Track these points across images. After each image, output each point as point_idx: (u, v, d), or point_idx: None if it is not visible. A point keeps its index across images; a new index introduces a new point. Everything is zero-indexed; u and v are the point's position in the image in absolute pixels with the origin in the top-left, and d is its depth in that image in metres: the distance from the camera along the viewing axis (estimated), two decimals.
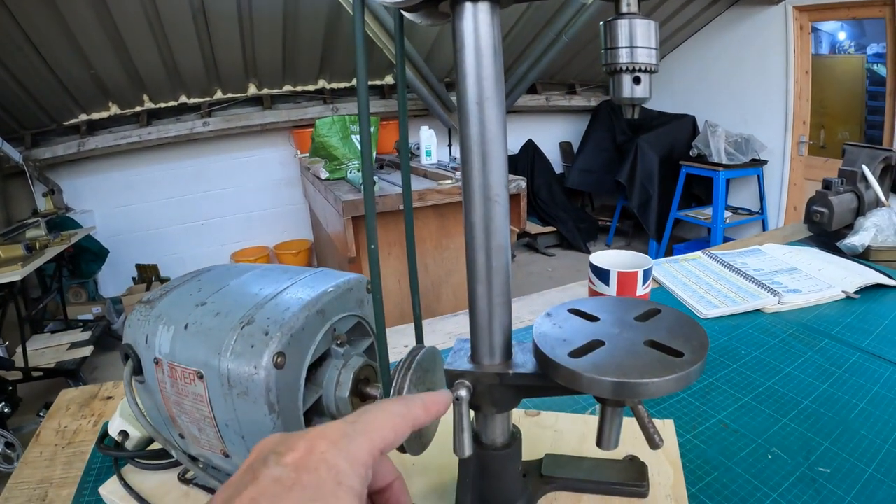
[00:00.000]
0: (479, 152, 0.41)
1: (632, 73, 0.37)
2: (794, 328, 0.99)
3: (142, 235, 4.28)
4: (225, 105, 4.20)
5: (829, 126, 4.30)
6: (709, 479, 0.62)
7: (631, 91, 0.38)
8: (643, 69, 0.37)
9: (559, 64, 4.75)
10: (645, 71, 0.37)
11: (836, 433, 0.70)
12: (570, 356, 0.39)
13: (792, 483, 0.61)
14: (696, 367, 0.36)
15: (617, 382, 0.36)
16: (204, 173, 4.36)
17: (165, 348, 0.52)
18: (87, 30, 3.05)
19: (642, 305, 0.46)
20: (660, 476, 0.59)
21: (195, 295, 0.56)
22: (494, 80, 0.40)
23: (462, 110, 0.41)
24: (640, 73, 0.37)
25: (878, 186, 1.43)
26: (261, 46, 3.70)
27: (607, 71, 0.37)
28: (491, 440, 0.50)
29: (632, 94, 0.38)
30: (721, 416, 0.74)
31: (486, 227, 0.43)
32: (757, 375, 0.84)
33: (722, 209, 4.34)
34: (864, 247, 1.30)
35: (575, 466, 0.57)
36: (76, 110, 3.81)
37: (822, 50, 4.38)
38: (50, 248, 3.03)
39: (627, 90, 0.38)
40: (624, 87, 0.38)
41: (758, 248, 1.38)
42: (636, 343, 0.40)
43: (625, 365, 0.37)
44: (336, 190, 2.54)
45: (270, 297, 0.53)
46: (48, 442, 0.76)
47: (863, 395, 0.78)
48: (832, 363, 0.87)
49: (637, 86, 0.37)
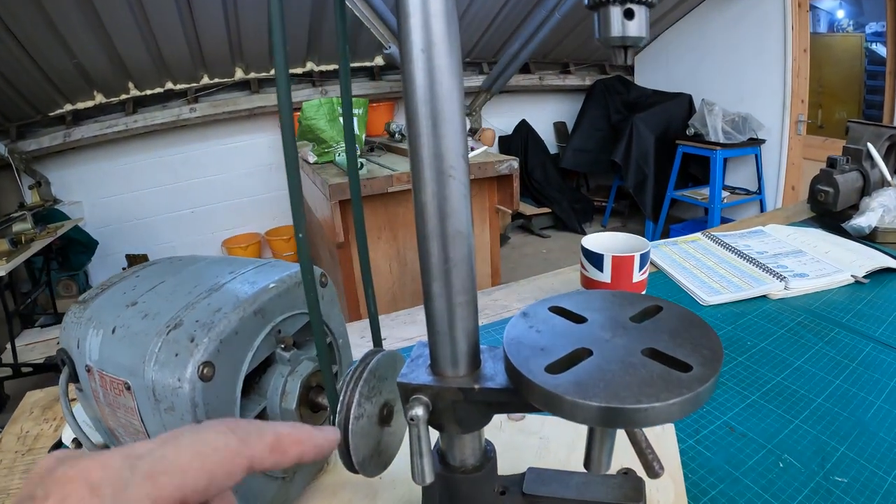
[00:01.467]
0: (427, 114, 0.32)
1: (622, 5, 0.28)
2: (802, 316, 0.92)
3: (131, 225, 4.20)
4: (212, 90, 4.11)
5: (827, 105, 4.25)
6: (714, 492, 0.55)
7: (622, 28, 0.29)
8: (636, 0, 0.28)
9: (552, 42, 4.67)
10: (639, 2, 0.28)
11: (852, 436, 0.63)
12: (548, 371, 0.31)
13: (806, 496, 0.55)
14: (707, 386, 0.28)
15: (606, 408, 0.28)
16: (192, 160, 4.27)
17: (95, 355, 0.46)
18: (68, 18, 2.97)
19: (639, 301, 0.38)
20: (658, 492, 0.52)
21: (128, 293, 0.49)
22: (445, 20, 0.31)
23: (405, 61, 0.32)
24: (633, 5, 0.28)
25: (883, 165, 1.37)
26: (246, 29, 3.61)
27: (590, 5, 0.28)
28: (460, 461, 0.42)
29: (623, 32, 0.29)
30: (727, 418, 0.67)
31: (440, 208, 0.34)
32: (765, 370, 0.77)
33: (719, 189, 4.26)
34: (871, 228, 1.23)
35: (562, 483, 0.50)
36: (61, 101, 3.73)
37: (820, 28, 4.32)
38: (36, 241, 2.97)
39: (616, 27, 0.29)
40: (612, 24, 0.29)
41: (760, 229, 1.32)
42: (632, 352, 0.32)
43: (616, 383, 0.29)
44: (323, 174, 2.48)
45: (204, 295, 0.45)
46: (9, 449, 0.71)
47: (879, 392, 0.72)
48: (844, 355, 0.80)
49: (629, 21, 0.28)
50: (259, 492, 0.46)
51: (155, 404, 0.41)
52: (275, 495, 0.48)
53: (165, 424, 0.41)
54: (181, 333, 0.41)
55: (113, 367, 0.44)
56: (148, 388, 0.41)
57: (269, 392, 0.47)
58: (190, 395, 0.39)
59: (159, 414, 0.41)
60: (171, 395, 0.40)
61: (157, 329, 0.42)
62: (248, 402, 0.45)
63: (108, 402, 0.46)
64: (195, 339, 0.40)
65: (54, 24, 2.98)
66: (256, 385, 0.47)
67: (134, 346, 0.42)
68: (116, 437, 0.49)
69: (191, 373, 0.39)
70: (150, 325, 0.43)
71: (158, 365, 0.40)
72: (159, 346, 0.41)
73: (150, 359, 0.41)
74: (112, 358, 0.44)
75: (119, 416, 0.46)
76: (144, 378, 0.41)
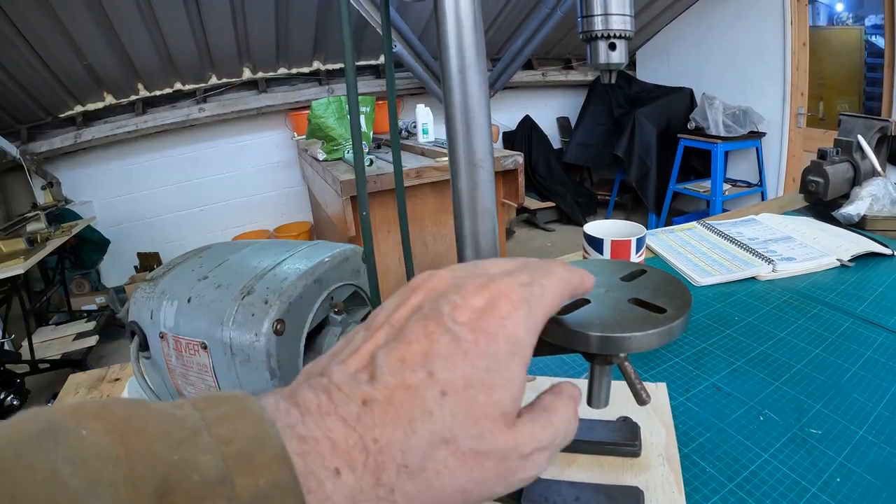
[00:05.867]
0: (462, 119, 0.42)
1: (607, 40, 0.38)
2: (788, 295, 1.00)
3: (142, 224, 4.29)
4: (220, 90, 4.19)
5: (827, 98, 4.28)
6: (701, 439, 0.63)
7: (607, 57, 0.39)
8: (618, 35, 0.38)
9: (555, 39, 4.73)
10: (620, 37, 0.38)
11: (827, 396, 0.71)
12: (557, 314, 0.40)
13: (784, 444, 0.62)
14: (678, 322, 0.37)
15: (601, 337, 0.37)
16: (202, 159, 4.36)
17: (170, 322, 0.54)
18: (77, 20, 3.04)
19: (629, 267, 0.47)
20: (652, 436, 0.60)
21: (196, 270, 0.57)
22: (475, 49, 0.41)
23: (445, 80, 0.42)
24: (616, 40, 0.38)
25: (873, 156, 1.43)
26: (253, 29, 3.68)
27: (584, 38, 0.38)
28: None
29: (608, 60, 0.39)
30: (714, 380, 0.75)
31: (472, 192, 0.44)
32: (750, 341, 0.85)
33: (720, 182, 4.33)
34: (860, 216, 1.30)
35: None
36: (71, 102, 3.80)
37: (819, 21, 4.35)
38: (51, 240, 3.04)
39: (603, 56, 0.39)
40: (600, 54, 0.39)
41: (753, 218, 1.39)
42: (621, 301, 0.41)
43: (609, 321, 0.38)
44: (334, 170, 2.55)
45: (269, 268, 0.54)
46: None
47: (855, 360, 0.79)
48: (825, 329, 0.88)
49: (613, 52, 0.39)
50: None
51: (231, 358, 0.49)
52: None
53: (240, 376, 0.50)
54: (255, 298, 0.50)
55: (189, 331, 0.52)
56: (225, 345, 0.49)
57: (323, 349, 0.56)
58: (266, 348, 0.48)
59: (234, 367, 0.50)
60: (247, 348, 0.48)
61: (232, 296, 0.51)
62: (307, 358, 0.54)
63: (182, 363, 0.54)
64: (268, 301, 0.49)
65: (64, 25, 3.04)
66: (313, 343, 0.56)
67: (211, 311, 0.51)
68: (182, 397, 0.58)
69: (266, 328, 0.48)
70: (224, 294, 0.51)
71: (236, 325, 0.49)
72: (236, 309, 0.50)
73: (228, 320, 0.49)
74: (188, 323, 0.52)
75: (190, 375, 0.54)
76: (222, 337, 0.49)
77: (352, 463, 0.24)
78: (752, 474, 0.58)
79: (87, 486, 0.19)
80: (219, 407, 0.23)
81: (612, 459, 0.57)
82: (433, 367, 0.26)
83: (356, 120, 0.43)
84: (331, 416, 0.25)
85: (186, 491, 0.20)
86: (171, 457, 0.21)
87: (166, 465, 0.20)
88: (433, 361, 0.26)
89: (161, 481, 0.20)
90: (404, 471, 0.25)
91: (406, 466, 0.25)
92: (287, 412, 0.25)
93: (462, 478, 0.26)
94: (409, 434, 0.25)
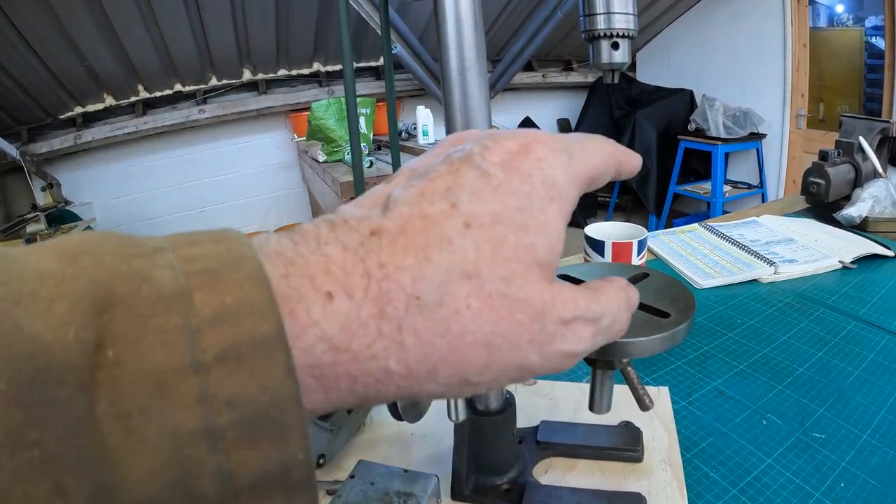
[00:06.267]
0: (462, 121, 0.42)
1: (609, 39, 0.37)
2: (790, 297, 1.00)
3: (142, 225, 4.27)
4: (220, 92, 4.18)
5: (827, 99, 4.28)
6: (704, 444, 0.63)
7: (609, 56, 0.38)
8: (621, 34, 0.37)
9: (555, 40, 4.72)
10: (623, 36, 0.37)
11: (831, 399, 0.71)
12: None
13: (787, 448, 0.62)
14: (682, 327, 0.36)
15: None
16: (202, 161, 4.35)
17: None
18: (77, 21, 3.03)
19: (631, 270, 0.46)
20: (654, 441, 0.60)
21: None
22: (476, 51, 0.40)
23: (445, 81, 0.42)
24: (618, 39, 0.37)
25: (875, 158, 1.43)
26: (254, 30, 3.67)
27: (586, 38, 0.38)
28: (485, 405, 0.50)
29: (610, 60, 0.38)
30: (716, 384, 0.75)
31: None
32: (752, 344, 0.85)
33: (721, 183, 4.32)
34: (862, 218, 1.30)
35: (570, 432, 0.58)
36: (71, 103, 3.79)
37: (820, 23, 4.35)
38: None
39: (606, 55, 0.38)
40: (602, 53, 0.38)
41: (755, 220, 1.39)
42: None
43: None
44: (334, 172, 2.55)
45: None
46: None
47: (858, 363, 0.79)
48: (828, 332, 0.87)
49: (615, 51, 0.38)
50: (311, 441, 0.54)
51: None
52: (324, 445, 0.56)
53: None
54: None
55: None
56: None
57: None
58: None
59: None
60: None
61: None
62: None
63: None
64: None
65: (64, 26, 3.03)
66: None
67: None
68: None
69: None
70: None
71: None
72: None
73: None
74: None
75: None
76: None
77: (349, 288, 0.20)
78: (755, 479, 0.57)
79: (16, 298, 0.16)
80: (191, 235, 0.20)
81: (614, 465, 0.57)
82: (457, 199, 0.22)
83: (354, 122, 0.43)
84: (329, 245, 0.21)
85: (132, 305, 0.17)
86: (118, 268, 0.17)
87: (111, 276, 0.17)
88: (457, 194, 0.22)
89: (102, 293, 0.17)
90: (415, 303, 0.21)
91: (417, 298, 0.21)
92: (278, 241, 0.22)
93: (487, 325, 0.22)
94: (423, 261, 0.21)
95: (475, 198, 0.22)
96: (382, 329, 0.20)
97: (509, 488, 0.53)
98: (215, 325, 0.17)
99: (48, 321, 0.15)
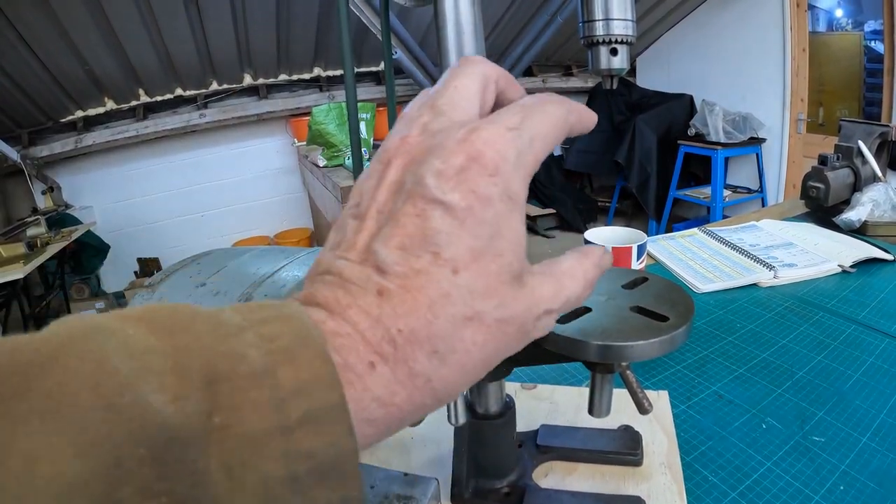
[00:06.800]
0: None
1: (608, 45, 0.38)
2: (789, 301, 1.00)
3: (142, 229, 4.28)
4: (221, 96, 4.19)
5: (827, 103, 4.29)
6: (703, 448, 0.63)
7: (608, 62, 0.38)
8: (619, 41, 0.38)
9: (555, 45, 4.73)
10: (621, 42, 0.38)
11: (830, 403, 0.71)
12: (558, 322, 0.40)
13: (786, 452, 0.62)
14: (680, 331, 0.36)
15: (602, 345, 0.36)
16: (202, 165, 4.36)
17: None
18: (79, 25, 3.05)
19: (631, 274, 0.46)
20: (654, 445, 0.60)
21: (195, 277, 0.57)
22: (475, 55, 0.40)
23: None
24: (617, 45, 0.38)
25: (874, 162, 1.43)
26: (254, 35, 3.69)
27: (585, 44, 0.38)
28: (485, 409, 0.50)
29: (609, 66, 0.39)
30: (716, 388, 0.75)
31: None
32: (752, 348, 0.85)
33: (721, 188, 4.33)
34: (861, 222, 1.30)
35: (570, 436, 0.58)
36: (72, 107, 3.81)
37: (819, 27, 4.36)
38: (51, 245, 3.04)
39: (605, 62, 0.38)
40: (601, 59, 0.39)
41: (754, 224, 1.39)
42: (622, 309, 0.40)
43: (610, 329, 0.38)
44: (334, 177, 2.55)
45: (267, 275, 0.54)
46: None
47: (858, 367, 0.79)
48: (827, 335, 0.88)
49: (614, 57, 0.38)
50: None
51: None
52: None
53: None
54: None
55: None
56: None
57: None
58: None
59: None
60: None
61: (230, 303, 0.50)
62: None
63: None
64: None
65: (66, 30, 3.05)
66: None
67: None
68: None
69: None
70: (222, 301, 0.51)
71: None
72: None
73: None
74: None
75: None
76: None
77: (383, 355, 0.24)
78: (754, 483, 0.58)
79: (136, 373, 0.19)
80: (260, 312, 0.24)
81: (614, 468, 0.57)
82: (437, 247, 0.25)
83: (355, 127, 0.43)
84: (352, 309, 0.24)
85: (233, 380, 0.21)
86: (218, 348, 0.22)
87: (214, 356, 0.21)
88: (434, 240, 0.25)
89: (209, 370, 0.21)
90: (435, 356, 0.25)
91: (435, 352, 0.25)
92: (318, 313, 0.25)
93: (491, 350, 0.26)
94: (432, 320, 0.24)
95: (451, 239, 0.25)
96: (416, 383, 0.24)
97: (509, 492, 0.53)
98: (296, 397, 0.21)
99: (166, 394, 0.19)
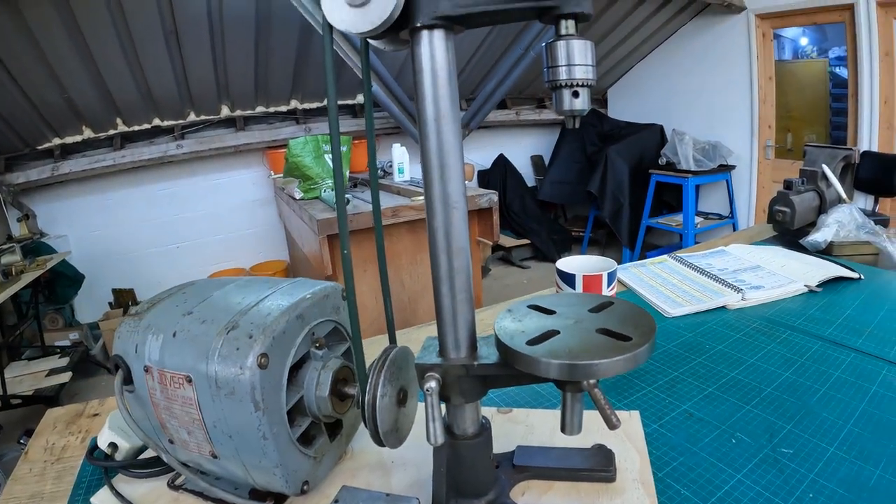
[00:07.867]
0: (437, 165, 0.46)
1: (570, 88, 0.42)
2: (757, 322, 1.03)
3: (118, 260, 4.23)
4: (198, 127, 4.20)
5: (795, 129, 4.40)
6: (675, 463, 0.65)
7: (570, 104, 0.42)
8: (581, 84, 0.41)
9: (528, 79, 4.81)
10: (582, 86, 0.42)
11: (798, 416, 0.73)
12: (528, 344, 0.43)
13: (756, 464, 0.64)
14: (643, 349, 0.39)
15: (570, 364, 0.39)
16: (178, 196, 4.34)
17: (155, 356, 0.55)
18: (60, 53, 3.06)
19: (596, 299, 0.49)
20: (627, 462, 0.62)
21: (181, 306, 0.59)
22: (450, 100, 0.45)
23: (422, 127, 0.45)
24: (578, 88, 0.42)
25: (838, 184, 1.48)
26: (233, 67, 3.72)
27: (549, 87, 0.42)
28: (462, 430, 0.53)
29: (571, 107, 0.42)
30: (686, 406, 0.77)
31: (447, 231, 0.47)
32: (721, 367, 0.87)
33: (692, 215, 4.42)
34: (827, 242, 1.35)
35: (545, 456, 0.61)
36: (49, 134, 3.78)
37: (785, 55, 4.50)
38: (26, 273, 3.01)
39: (567, 103, 0.42)
40: (564, 101, 0.42)
41: (723, 249, 1.43)
42: (589, 331, 0.43)
43: (576, 349, 0.40)
44: (311, 209, 2.56)
45: (252, 304, 0.56)
46: (37, 459, 0.77)
47: (824, 381, 0.82)
48: (794, 353, 0.91)
49: (576, 99, 0.42)
50: (296, 468, 0.56)
51: (216, 391, 0.51)
52: (308, 472, 0.58)
53: (224, 408, 0.51)
54: (240, 332, 0.52)
55: (174, 364, 0.53)
56: (210, 379, 0.51)
57: (305, 383, 0.57)
58: (250, 381, 0.50)
59: (219, 400, 0.51)
60: (232, 381, 0.50)
61: (216, 331, 0.52)
62: (289, 391, 0.55)
63: (166, 396, 0.55)
64: (253, 336, 0.51)
65: (46, 57, 3.05)
66: (295, 378, 0.57)
67: (196, 345, 0.53)
68: (165, 430, 0.58)
69: (251, 362, 0.50)
70: (209, 329, 0.53)
71: (221, 358, 0.51)
72: (221, 343, 0.51)
73: (213, 354, 0.51)
74: (173, 357, 0.54)
75: (174, 408, 0.55)
76: (207, 370, 0.51)
77: None
78: (725, 494, 0.60)
79: None
80: None
81: (589, 485, 0.59)
82: None
83: (338, 159, 0.46)
84: None
85: None
86: None
87: None
88: None
89: None
90: None
91: None
92: None
93: None
94: None
95: None
96: None
97: None
98: None
99: None
